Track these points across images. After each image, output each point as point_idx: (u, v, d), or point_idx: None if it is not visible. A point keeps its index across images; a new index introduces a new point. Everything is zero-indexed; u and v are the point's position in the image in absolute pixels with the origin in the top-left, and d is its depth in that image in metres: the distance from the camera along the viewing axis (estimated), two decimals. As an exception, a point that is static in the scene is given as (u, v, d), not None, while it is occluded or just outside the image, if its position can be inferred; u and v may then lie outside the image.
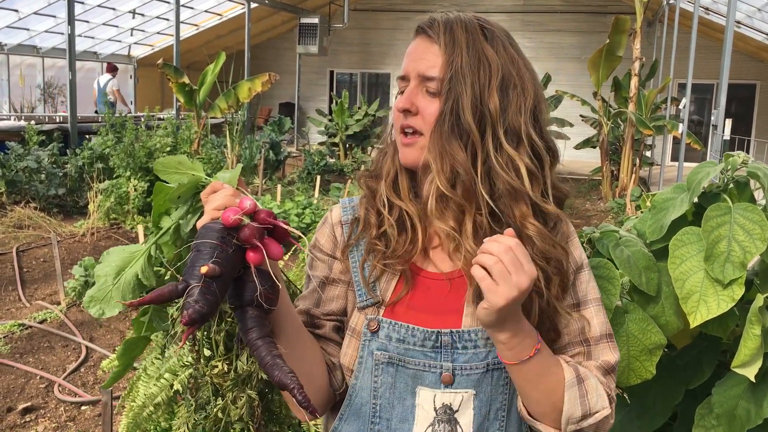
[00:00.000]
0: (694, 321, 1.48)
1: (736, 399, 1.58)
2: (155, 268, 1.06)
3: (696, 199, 1.59)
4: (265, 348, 0.96)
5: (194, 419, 1.49)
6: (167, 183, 1.07)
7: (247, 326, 0.97)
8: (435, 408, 1.14)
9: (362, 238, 1.21)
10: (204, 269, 0.90)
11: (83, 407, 3.90)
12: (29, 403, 3.89)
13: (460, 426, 1.14)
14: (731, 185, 1.59)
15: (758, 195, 1.67)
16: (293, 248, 1.18)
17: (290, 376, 0.94)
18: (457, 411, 1.14)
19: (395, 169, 1.21)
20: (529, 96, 1.15)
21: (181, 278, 0.93)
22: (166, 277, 1.08)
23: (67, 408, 3.88)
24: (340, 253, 1.23)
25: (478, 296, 1.06)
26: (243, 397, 1.26)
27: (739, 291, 1.46)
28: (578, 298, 1.19)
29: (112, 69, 13.89)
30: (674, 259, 1.51)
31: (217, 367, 1.22)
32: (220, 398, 1.32)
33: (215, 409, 1.33)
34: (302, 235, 1.07)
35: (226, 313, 1.19)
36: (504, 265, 0.99)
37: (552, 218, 1.17)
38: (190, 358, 3.26)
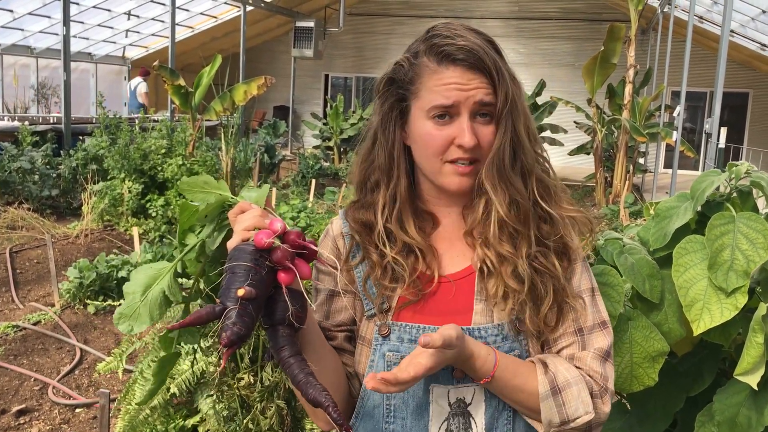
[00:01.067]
0: (698, 329, 1.49)
1: (738, 406, 1.59)
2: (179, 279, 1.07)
3: (699, 208, 1.60)
4: (297, 366, 0.99)
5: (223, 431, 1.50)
6: (192, 202, 1.08)
7: (279, 344, 1.00)
8: (449, 403, 1.16)
9: (363, 262, 1.22)
10: (240, 292, 0.92)
11: (77, 409, 3.88)
12: (23, 406, 3.87)
13: (473, 418, 1.17)
14: (734, 194, 1.61)
15: (761, 204, 1.68)
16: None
17: (324, 394, 0.96)
18: (470, 404, 1.17)
19: (398, 203, 1.20)
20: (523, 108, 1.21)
21: (218, 300, 0.95)
22: (193, 293, 1.09)
23: (61, 410, 3.86)
24: (343, 264, 1.24)
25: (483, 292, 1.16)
26: (272, 407, 1.27)
27: (742, 299, 1.48)
28: (573, 287, 1.21)
29: (145, 73, 14.06)
30: (678, 267, 1.52)
31: (243, 379, 1.23)
32: (248, 410, 1.33)
33: (245, 420, 1.34)
34: (330, 257, 1.08)
35: (259, 331, 1.20)
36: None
37: (556, 219, 1.22)
38: (186, 363, 3.25)
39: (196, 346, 1.41)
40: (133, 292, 1.03)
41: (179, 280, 1.07)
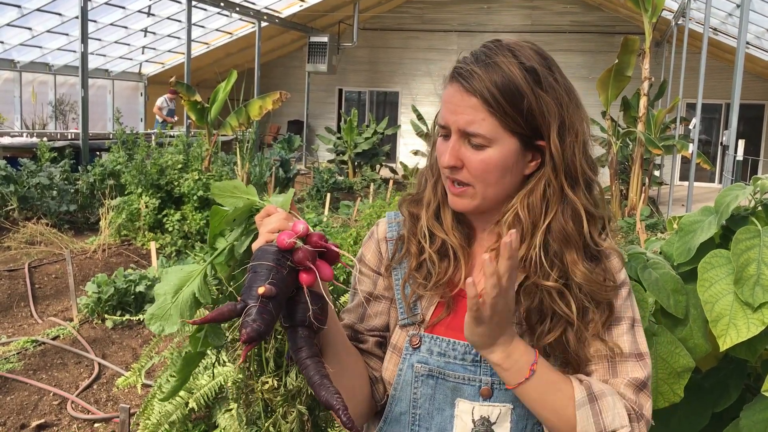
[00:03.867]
0: (724, 344, 1.48)
1: (765, 423, 1.57)
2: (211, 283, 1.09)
3: (724, 222, 1.59)
4: (313, 367, 1.00)
5: (246, 433, 1.50)
6: (222, 206, 1.10)
7: (297, 345, 1.01)
8: (473, 420, 1.16)
9: (405, 258, 1.23)
10: (261, 290, 0.94)
11: (96, 424, 3.89)
12: (42, 420, 3.88)
13: None
14: (759, 208, 1.59)
15: (785, 218, 1.67)
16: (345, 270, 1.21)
17: (336, 397, 0.96)
18: (494, 423, 1.16)
19: (437, 200, 1.23)
20: (580, 132, 1.15)
21: (239, 298, 0.96)
22: (220, 296, 1.10)
23: (80, 425, 3.88)
24: (384, 269, 1.25)
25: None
26: (293, 412, 1.27)
27: (769, 314, 1.46)
28: (613, 341, 1.17)
29: (172, 92, 14.48)
30: (703, 282, 1.51)
31: (267, 383, 1.24)
32: (270, 413, 1.34)
33: (267, 424, 1.35)
34: (353, 258, 1.09)
35: (276, 331, 1.21)
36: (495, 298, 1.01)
37: (604, 254, 1.18)
38: (205, 378, 3.26)
39: (214, 359, 1.42)
40: (164, 293, 1.05)
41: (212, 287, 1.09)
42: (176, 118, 15.27)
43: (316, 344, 1.03)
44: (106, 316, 5.45)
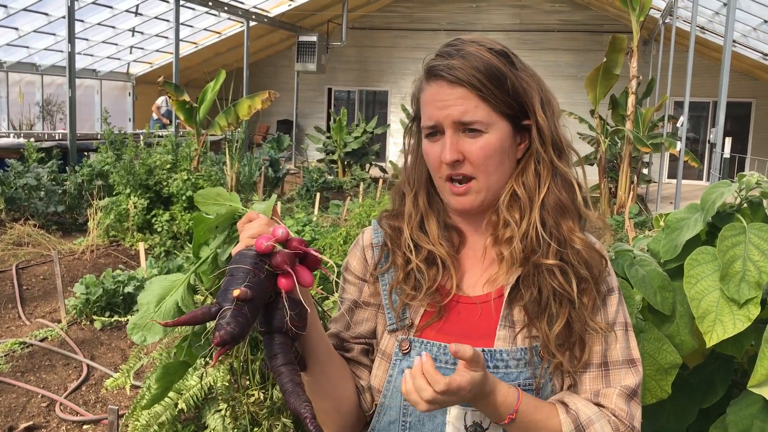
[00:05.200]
0: (711, 341, 1.49)
1: (752, 418, 1.58)
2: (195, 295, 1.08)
3: (710, 219, 1.60)
4: (287, 375, 0.99)
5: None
6: (206, 215, 1.10)
7: (273, 352, 1.00)
8: (465, 426, 1.15)
9: (391, 269, 1.22)
10: (236, 292, 0.93)
11: (85, 426, 3.87)
12: (31, 422, 3.86)
13: None
14: (745, 205, 1.60)
15: (771, 215, 1.68)
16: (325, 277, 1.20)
17: (305, 405, 0.96)
18: (487, 429, 1.15)
19: (420, 212, 1.22)
20: (556, 107, 1.20)
21: (214, 301, 0.95)
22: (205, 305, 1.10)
23: (69, 427, 3.86)
24: (369, 275, 1.24)
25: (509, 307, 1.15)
26: (278, 425, 1.26)
27: (754, 311, 1.47)
28: (606, 319, 1.19)
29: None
30: (690, 279, 1.52)
31: (253, 395, 1.23)
32: (256, 428, 1.33)
33: None
34: (332, 263, 1.08)
35: (262, 343, 1.20)
36: (439, 402, 1.01)
37: (593, 224, 1.22)
38: (194, 379, 3.25)
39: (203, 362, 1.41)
40: (147, 303, 1.05)
41: (196, 298, 1.08)
42: (167, 121, 15.21)
43: (295, 352, 1.02)
44: (94, 317, 5.42)
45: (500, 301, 1.17)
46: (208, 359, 1.12)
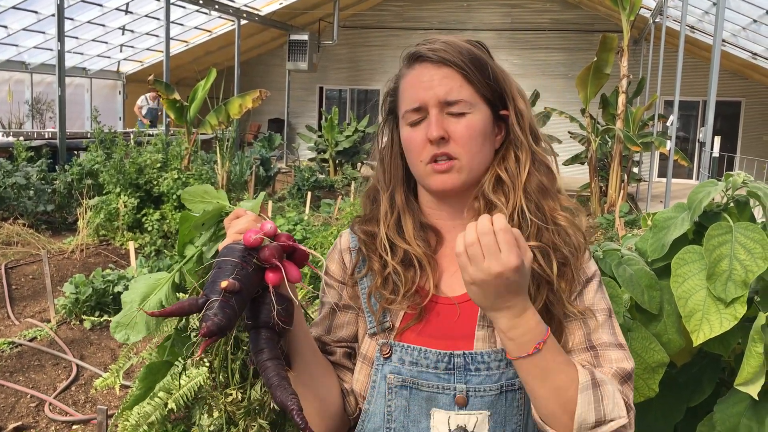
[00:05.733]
0: (697, 339, 1.50)
1: (738, 416, 1.59)
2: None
3: (697, 218, 1.61)
4: (273, 369, 0.98)
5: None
6: (192, 212, 1.09)
7: (259, 346, 0.99)
8: (450, 429, 1.14)
9: (368, 274, 1.22)
10: (224, 284, 0.92)
11: (74, 426, 3.86)
12: (20, 423, 3.84)
13: None
14: (731, 204, 1.61)
15: (757, 213, 1.69)
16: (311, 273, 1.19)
17: (292, 397, 0.95)
18: (472, 431, 1.13)
19: (396, 210, 1.22)
20: (526, 98, 1.22)
21: (202, 293, 0.95)
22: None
23: (58, 427, 3.84)
24: (348, 278, 1.24)
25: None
26: (254, 426, 1.26)
27: (741, 309, 1.48)
28: (585, 305, 1.17)
29: (154, 92, 14.34)
30: (677, 278, 1.53)
31: (231, 395, 1.23)
32: (233, 426, 1.32)
33: None
34: (322, 259, 1.08)
35: (243, 342, 1.20)
36: (480, 247, 0.99)
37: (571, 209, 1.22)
38: (207, 386, 3.24)
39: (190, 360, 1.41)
40: (131, 301, 1.04)
41: (181, 296, 1.08)
42: (147, 122, 14.87)
43: (281, 348, 1.01)
44: (84, 316, 5.39)
45: None
46: (193, 354, 1.11)
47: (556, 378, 1.04)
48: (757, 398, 1.49)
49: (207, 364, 1.17)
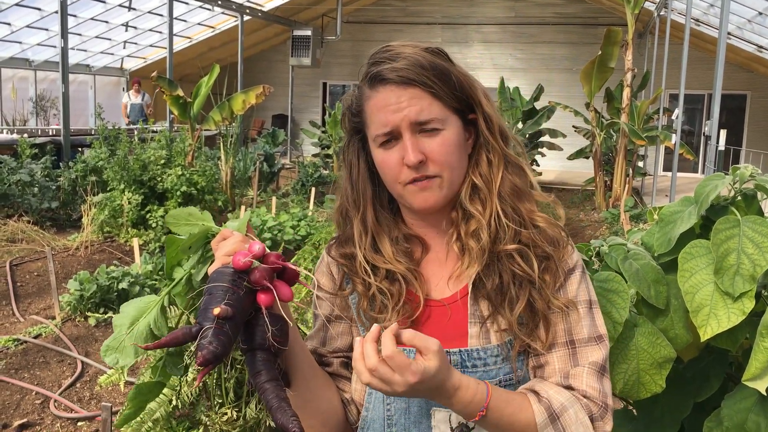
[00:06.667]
0: (705, 334, 1.48)
1: (746, 412, 1.57)
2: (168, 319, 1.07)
3: (704, 212, 1.59)
4: (272, 391, 0.98)
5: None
6: (178, 235, 1.09)
7: (256, 369, 0.99)
8: (451, 427, 1.14)
9: (355, 292, 1.21)
10: (217, 311, 0.92)
11: (79, 423, 3.86)
12: (25, 420, 3.84)
13: None
14: (739, 198, 1.59)
15: (765, 207, 1.67)
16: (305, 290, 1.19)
17: (293, 420, 0.94)
18: (473, 429, 1.14)
19: (370, 232, 1.20)
20: (492, 99, 1.20)
21: (195, 321, 0.94)
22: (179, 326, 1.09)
23: (63, 424, 3.84)
24: (337, 290, 1.23)
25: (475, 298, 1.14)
26: None
27: (749, 304, 1.46)
28: (567, 297, 1.18)
29: (135, 84, 14.26)
30: (684, 273, 1.51)
31: (226, 414, 1.22)
32: None
33: None
34: (312, 276, 1.08)
35: (236, 361, 1.19)
36: (390, 369, 0.97)
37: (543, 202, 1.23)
38: (201, 407, 3.23)
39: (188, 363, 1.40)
40: (120, 325, 1.04)
41: (170, 318, 1.07)
42: (127, 120, 14.15)
43: (278, 367, 1.01)
44: (88, 313, 5.40)
45: (467, 299, 1.17)
46: (188, 374, 1.11)
47: (513, 428, 1.07)
48: (765, 394, 1.47)
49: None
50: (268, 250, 1.01)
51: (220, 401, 1.24)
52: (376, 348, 0.97)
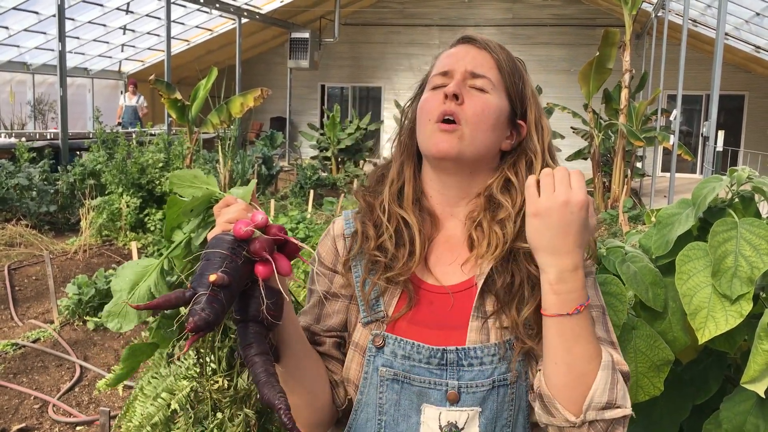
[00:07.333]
0: (703, 337, 1.48)
1: (745, 414, 1.57)
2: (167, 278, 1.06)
3: (701, 215, 1.59)
4: (261, 365, 0.96)
5: (192, 432, 1.47)
6: (181, 197, 1.07)
7: (247, 341, 0.97)
8: (440, 426, 1.13)
9: (362, 254, 1.20)
10: (212, 277, 0.89)
11: (78, 427, 3.85)
12: (23, 424, 3.83)
13: None
14: (736, 200, 1.59)
15: (763, 209, 1.67)
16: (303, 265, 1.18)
17: (279, 396, 0.93)
18: (462, 429, 1.13)
19: (402, 180, 1.24)
20: (547, 128, 1.27)
21: (189, 285, 0.92)
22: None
23: (62, 429, 3.83)
24: (341, 266, 1.22)
25: (481, 305, 1.14)
26: (240, 415, 1.25)
27: (747, 306, 1.46)
28: None
29: (132, 85, 14.23)
30: (681, 275, 1.51)
31: (217, 382, 1.22)
32: (219, 413, 1.32)
33: (212, 425, 1.32)
34: (313, 252, 1.06)
35: (230, 329, 1.18)
36: (553, 179, 1.04)
37: None
38: (193, 372, 3.23)
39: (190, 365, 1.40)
40: (120, 290, 1.02)
41: (169, 278, 1.06)
42: (118, 121, 14.11)
43: (269, 342, 0.99)
44: (87, 317, 5.39)
45: (474, 291, 1.16)
46: (180, 346, 1.10)
47: (584, 347, 1.03)
48: (764, 396, 1.47)
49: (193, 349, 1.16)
50: (271, 222, 0.98)
51: (213, 367, 1.24)
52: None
